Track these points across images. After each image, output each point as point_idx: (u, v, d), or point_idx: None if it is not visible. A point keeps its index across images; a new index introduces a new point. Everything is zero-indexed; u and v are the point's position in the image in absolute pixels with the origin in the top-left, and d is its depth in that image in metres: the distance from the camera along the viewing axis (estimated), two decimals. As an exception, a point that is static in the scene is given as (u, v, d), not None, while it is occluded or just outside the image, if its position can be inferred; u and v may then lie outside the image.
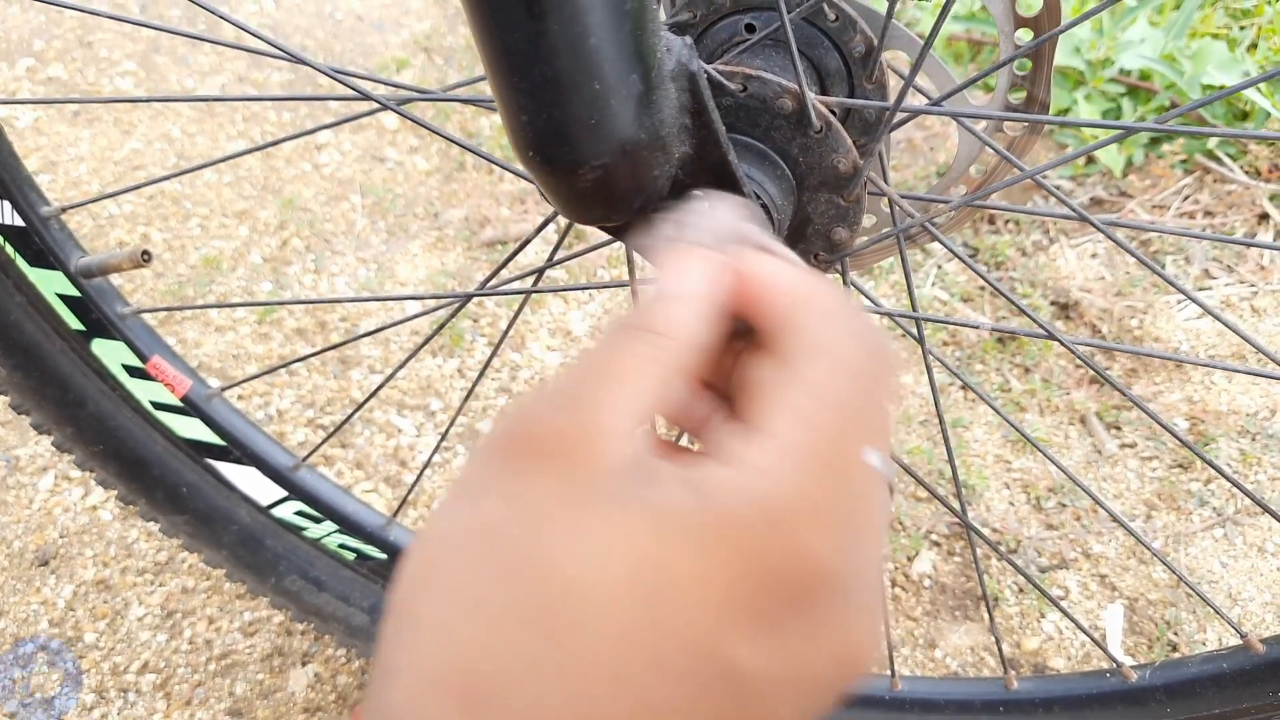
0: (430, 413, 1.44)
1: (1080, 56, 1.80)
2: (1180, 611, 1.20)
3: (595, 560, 0.29)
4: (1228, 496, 1.30)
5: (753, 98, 0.48)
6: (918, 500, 1.32)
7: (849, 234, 0.53)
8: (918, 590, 1.23)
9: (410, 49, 2.10)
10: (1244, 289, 1.53)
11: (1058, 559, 1.25)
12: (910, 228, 0.58)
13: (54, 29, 2.07)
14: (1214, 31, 1.85)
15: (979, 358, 1.47)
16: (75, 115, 1.89)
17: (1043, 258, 1.60)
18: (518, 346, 1.52)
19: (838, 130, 0.49)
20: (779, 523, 0.29)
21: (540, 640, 0.28)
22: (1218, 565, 1.24)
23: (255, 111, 1.94)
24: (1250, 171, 1.67)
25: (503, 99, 0.39)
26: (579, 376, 0.33)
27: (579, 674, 0.28)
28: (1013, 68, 0.60)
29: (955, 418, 1.41)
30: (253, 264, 1.64)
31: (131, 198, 1.73)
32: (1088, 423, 1.39)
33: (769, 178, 0.50)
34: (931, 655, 1.18)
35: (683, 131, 0.44)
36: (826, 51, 0.57)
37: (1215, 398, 1.39)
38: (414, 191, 1.78)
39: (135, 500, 0.94)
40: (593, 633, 0.28)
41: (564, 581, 0.29)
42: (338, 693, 1.14)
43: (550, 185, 0.43)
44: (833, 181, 0.51)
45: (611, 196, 0.43)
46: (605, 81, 0.38)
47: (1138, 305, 1.51)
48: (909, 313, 0.60)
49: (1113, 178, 1.70)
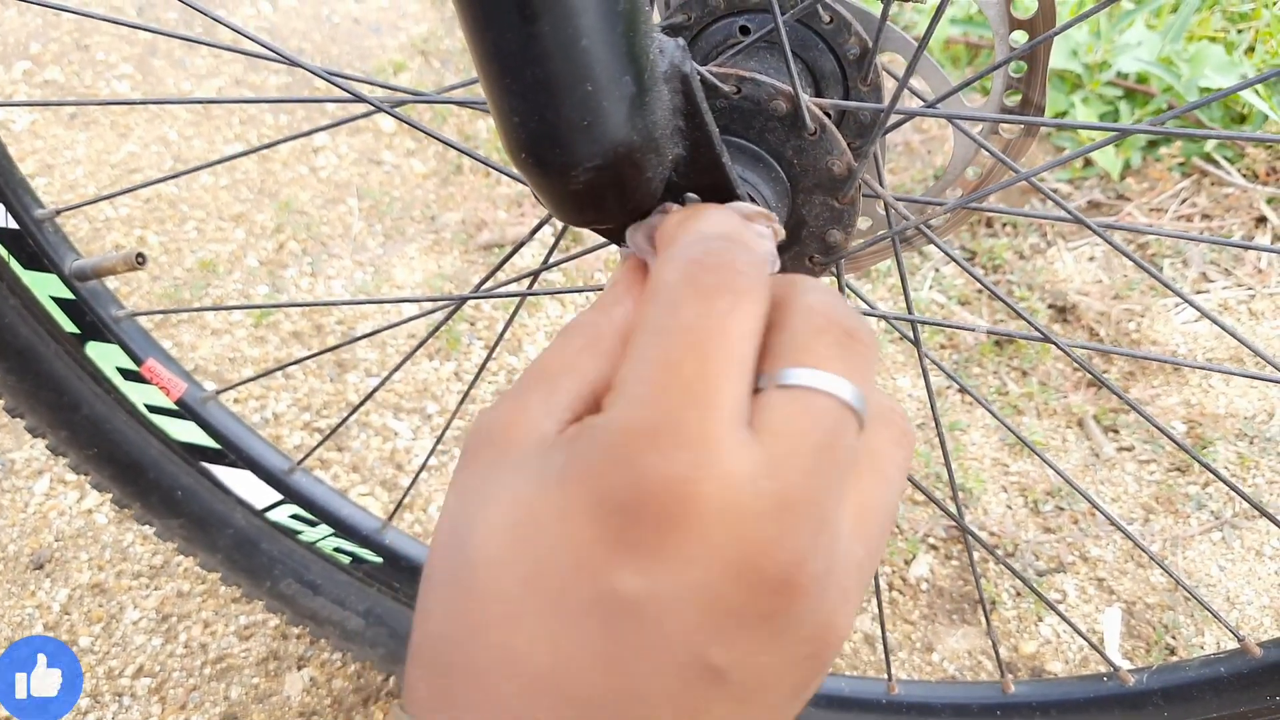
0: (426, 416, 1.44)
1: (1078, 60, 1.80)
2: (1178, 615, 1.19)
3: (490, 523, 0.32)
4: (1225, 500, 1.29)
5: (747, 100, 0.48)
6: (915, 504, 1.32)
7: (844, 236, 0.52)
8: (915, 594, 1.23)
9: (407, 52, 2.09)
10: (1241, 292, 1.53)
11: (1055, 562, 1.25)
12: (905, 230, 0.58)
13: (51, 32, 2.07)
14: (1211, 35, 1.86)
15: (976, 361, 1.47)
16: (72, 118, 1.89)
17: (1040, 261, 1.60)
18: (514, 350, 1.52)
19: (832, 132, 0.49)
20: (617, 449, 0.30)
21: (463, 603, 0.32)
22: (1215, 569, 1.24)
23: (252, 115, 1.93)
24: (1248, 175, 1.67)
25: (495, 101, 0.39)
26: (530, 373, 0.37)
27: (496, 627, 0.31)
28: (1008, 70, 0.60)
29: (952, 421, 1.41)
30: (249, 267, 1.64)
31: (128, 201, 1.72)
32: (1085, 426, 1.39)
33: (763, 180, 0.50)
34: (929, 659, 1.17)
35: (676, 134, 0.44)
36: (821, 54, 0.57)
37: (1213, 401, 1.39)
38: (411, 195, 1.78)
39: (130, 504, 0.94)
40: (496, 588, 0.31)
41: (471, 548, 0.32)
42: (333, 697, 1.14)
43: (543, 187, 0.42)
44: (827, 184, 0.50)
45: (605, 199, 0.43)
46: (598, 83, 0.38)
47: (1135, 308, 1.51)
48: (905, 315, 0.60)
49: (1110, 181, 1.70)
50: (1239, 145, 1.70)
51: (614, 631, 0.30)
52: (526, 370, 0.36)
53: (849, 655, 1.17)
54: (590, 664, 0.30)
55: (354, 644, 1.06)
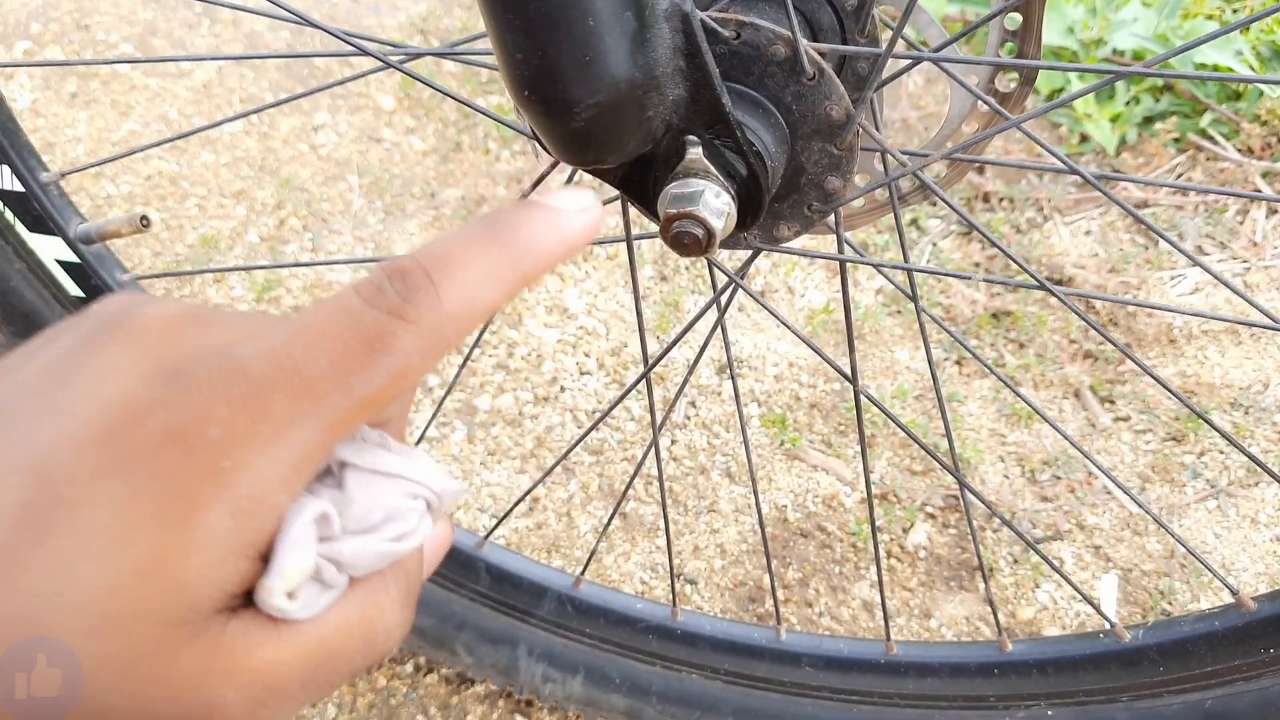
0: (427, 388, 1.45)
1: (1073, 36, 1.81)
2: (1174, 581, 1.20)
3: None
4: (1221, 469, 1.30)
5: (746, 44, 0.49)
6: (913, 473, 1.33)
7: (842, 183, 0.53)
8: (913, 561, 1.24)
9: (406, 31, 2.10)
10: (1236, 265, 1.54)
11: (1052, 530, 1.26)
12: (901, 177, 0.59)
13: (51, 11, 2.08)
14: (1207, 12, 1.86)
15: (973, 333, 1.48)
16: (73, 97, 1.89)
17: (1037, 235, 1.60)
18: (514, 324, 1.52)
19: (830, 77, 0.49)
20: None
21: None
22: (1211, 536, 1.25)
23: (253, 94, 1.94)
24: (1243, 149, 1.68)
25: (497, 38, 0.40)
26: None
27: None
28: (1003, 23, 0.61)
29: (950, 392, 1.42)
30: (250, 243, 1.65)
31: (129, 177, 1.73)
32: (1082, 397, 1.40)
33: (763, 125, 0.50)
34: (927, 625, 1.19)
35: (677, 74, 0.45)
36: (819, 6, 0.57)
37: (1208, 371, 1.40)
38: (411, 171, 1.78)
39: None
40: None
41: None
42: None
43: (544, 126, 0.43)
44: (826, 130, 0.51)
45: (606, 137, 0.44)
46: (599, 18, 0.39)
47: (1131, 281, 1.52)
48: (899, 265, 0.61)
49: (1106, 156, 1.71)
50: (1234, 121, 1.71)
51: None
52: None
53: (848, 622, 1.19)
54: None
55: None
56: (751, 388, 1.45)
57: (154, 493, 0.28)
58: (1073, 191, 1.65)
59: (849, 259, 0.62)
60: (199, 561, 0.29)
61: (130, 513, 0.28)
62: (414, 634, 1.06)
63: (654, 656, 0.99)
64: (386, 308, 0.31)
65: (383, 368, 0.31)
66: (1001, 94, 0.65)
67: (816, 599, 1.21)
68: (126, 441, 0.29)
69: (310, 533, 0.31)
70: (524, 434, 1.39)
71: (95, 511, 0.28)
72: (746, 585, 1.23)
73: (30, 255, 0.81)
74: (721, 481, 1.34)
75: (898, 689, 0.92)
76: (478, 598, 1.02)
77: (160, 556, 0.28)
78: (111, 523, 0.28)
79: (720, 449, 1.38)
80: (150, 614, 0.28)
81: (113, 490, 0.28)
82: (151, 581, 0.28)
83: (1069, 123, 1.77)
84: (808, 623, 1.19)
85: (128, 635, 0.28)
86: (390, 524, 0.34)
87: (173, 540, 0.28)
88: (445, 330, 0.32)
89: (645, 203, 0.52)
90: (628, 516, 1.30)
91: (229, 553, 0.29)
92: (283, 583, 0.30)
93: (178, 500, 0.29)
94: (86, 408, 0.30)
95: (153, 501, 0.28)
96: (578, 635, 1.01)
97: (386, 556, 0.34)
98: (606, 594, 1.00)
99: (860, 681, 0.93)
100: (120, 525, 0.28)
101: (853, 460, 1.35)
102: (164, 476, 0.29)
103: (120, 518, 0.28)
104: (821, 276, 1.58)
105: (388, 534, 0.34)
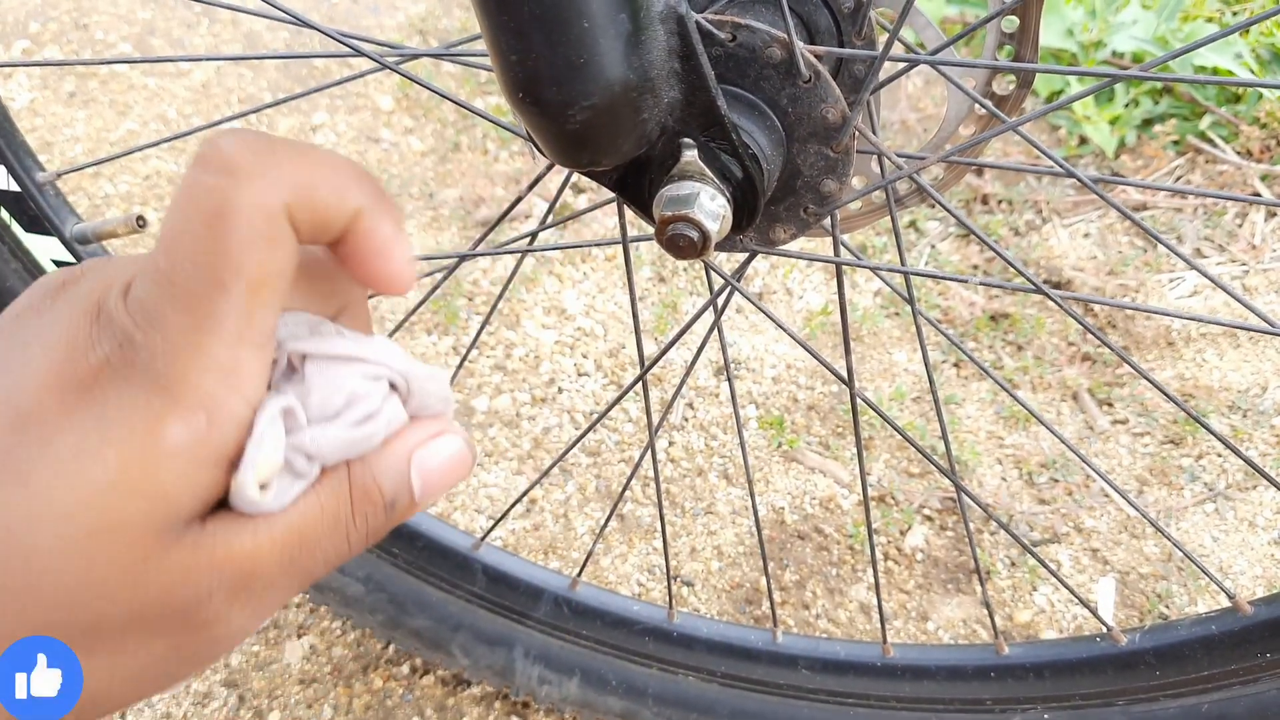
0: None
1: (1073, 39, 1.81)
2: (1171, 585, 1.20)
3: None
4: (1219, 472, 1.30)
5: (742, 47, 0.49)
6: (910, 476, 1.33)
7: (838, 186, 0.53)
8: (910, 564, 1.24)
9: (405, 32, 2.10)
10: (1235, 268, 1.54)
11: (1050, 533, 1.26)
12: (898, 180, 0.59)
13: (50, 11, 2.08)
14: (1207, 15, 1.86)
15: (971, 335, 1.48)
16: (71, 96, 1.89)
17: (1035, 237, 1.60)
18: (512, 324, 1.52)
19: (826, 80, 0.49)
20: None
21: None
22: (1209, 539, 1.25)
23: (251, 94, 1.94)
24: (1242, 152, 1.68)
25: (491, 39, 0.40)
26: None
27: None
28: (1000, 25, 0.60)
29: (948, 394, 1.42)
30: (248, 244, 1.64)
31: (127, 178, 1.73)
32: (1080, 400, 1.40)
33: (758, 128, 0.50)
34: (924, 628, 1.18)
35: (672, 76, 0.45)
36: (816, 9, 0.57)
37: (1207, 374, 1.40)
38: (409, 172, 1.78)
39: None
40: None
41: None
42: (333, 664, 1.15)
43: (539, 128, 0.43)
44: (822, 132, 0.51)
45: (601, 139, 0.44)
46: (593, 20, 0.39)
47: (1130, 284, 1.52)
48: (895, 267, 0.61)
49: (1105, 158, 1.71)
50: (1234, 123, 1.70)
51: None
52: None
53: (845, 624, 1.19)
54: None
55: (354, 610, 1.07)
56: (749, 389, 1.44)
57: (113, 418, 0.30)
58: (1071, 194, 1.65)
59: (845, 262, 0.62)
60: (168, 472, 0.31)
61: (94, 436, 0.30)
62: (410, 635, 1.06)
63: (650, 658, 0.99)
64: (217, 166, 0.31)
65: (237, 235, 0.30)
66: (999, 97, 0.65)
67: (813, 601, 1.21)
68: (78, 377, 0.31)
69: (276, 428, 0.32)
70: (521, 435, 1.39)
71: (64, 440, 0.30)
72: (743, 587, 1.23)
73: (26, 255, 0.81)
74: (719, 483, 1.34)
75: (894, 692, 0.92)
76: (474, 599, 1.02)
77: (129, 470, 0.30)
78: (80, 447, 0.30)
79: (718, 451, 1.38)
80: (130, 523, 0.30)
81: (75, 422, 0.30)
82: (124, 494, 0.30)
83: (1068, 125, 1.77)
84: (805, 625, 1.19)
85: (111, 545, 0.30)
86: (352, 408, 0.34)
87: (138, 455, 0.30)
88: (284, 177, 0.31)
89: (641, 205, 0.52)
90: (625, 518, 1.30)
91: (196, 461, 0.31)
92: (254, 475, 0.32)
93: (135, 420, 0.30)
94: (39, 355, 0.32)
95: (113, 426, 0.30)
96: (574, 637, 1.01)
97: (355, 443, 0.34)
98: (603, 596, 1.00)
99: (857, 684, 0.93)
100: (87, 449, 0.30)
101: (850, 462, 1.35)
102: (117, 403, 0.31)
103: (86, 441, 0.30)
104: (820, 278, 1.58)
105: (351, 418, 0.34)
